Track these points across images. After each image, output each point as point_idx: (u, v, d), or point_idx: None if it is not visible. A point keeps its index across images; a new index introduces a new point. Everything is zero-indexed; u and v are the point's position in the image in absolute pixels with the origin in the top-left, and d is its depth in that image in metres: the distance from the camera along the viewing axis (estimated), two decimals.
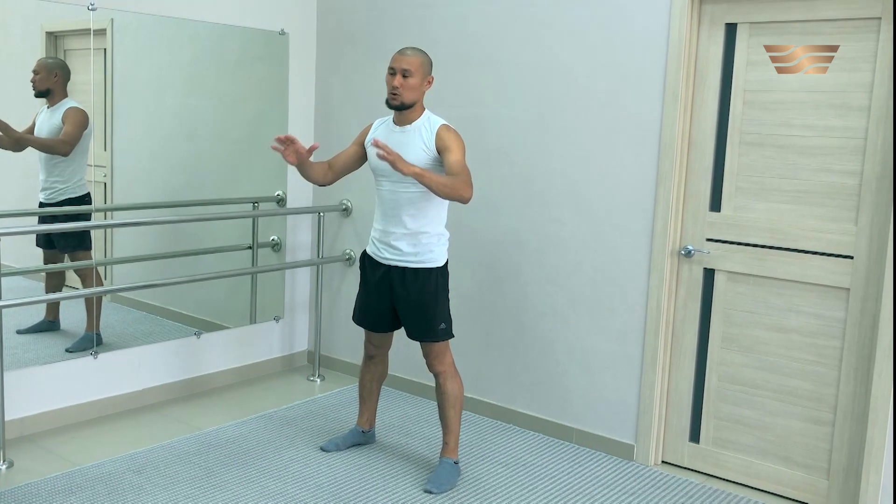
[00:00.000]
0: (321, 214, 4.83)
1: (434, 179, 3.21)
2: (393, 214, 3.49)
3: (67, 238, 4.13)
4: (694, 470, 3.85)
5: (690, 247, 3.76)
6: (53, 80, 3.98)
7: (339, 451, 3.89)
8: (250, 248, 4.84)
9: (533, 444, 4.08)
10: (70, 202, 4.10)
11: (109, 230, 4.32)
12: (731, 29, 3.60)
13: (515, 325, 4.26)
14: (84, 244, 4.18)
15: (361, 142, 3.62)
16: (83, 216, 4.14)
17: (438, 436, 4.03)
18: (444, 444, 3.64)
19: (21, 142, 3.98)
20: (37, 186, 4.07)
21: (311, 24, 4.93)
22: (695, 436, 3.86)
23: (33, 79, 3.94)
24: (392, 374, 4.67)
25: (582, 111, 3.95)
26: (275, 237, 4.93)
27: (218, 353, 4.75)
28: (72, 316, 4.27)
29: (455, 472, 3.62)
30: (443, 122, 3.44)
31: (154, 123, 4.41)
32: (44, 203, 4.09)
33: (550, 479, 3.71)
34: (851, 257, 3.40)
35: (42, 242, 4.13)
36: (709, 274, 3.76)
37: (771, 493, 3.66)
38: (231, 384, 4.79)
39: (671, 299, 3.83)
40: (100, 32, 4.07)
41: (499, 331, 4.32)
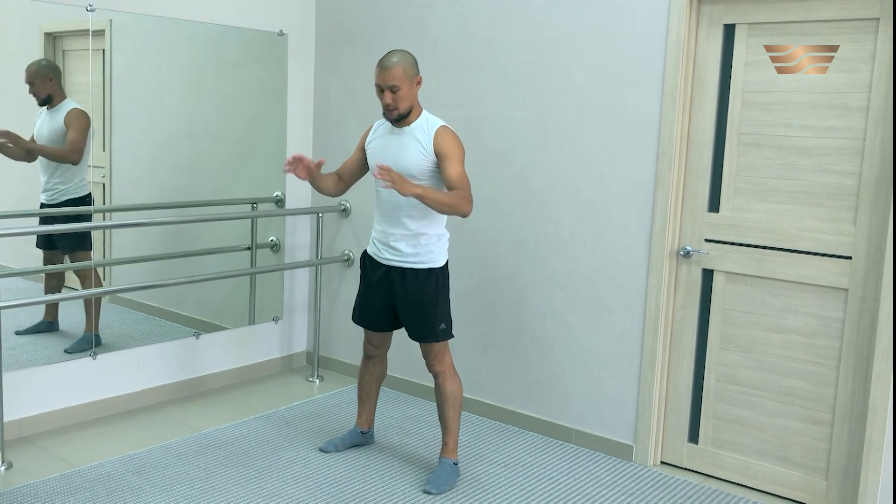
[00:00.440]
0: (320, 215, 4.82)
1: (435, 199, 3.29)
2: (392, 216, 3.49)
3: (68, 238, 4.13)
4: (693, 470, 3.86)
5: (689, 247, 3.76)
6: (50, 84, 3.96)
7: (339, 452, 3.89)
8: (249, 249, 4.84)
9: (532, 445, 4.08)
10: (71, 203, 4.09)
11: (108, 231, 4.32)
12: (730, 29, 3.61)
13: (514, 326, 4.26)
14: (84, 245, 4.17)
15: (363, 146, 3.63)
16: (84, 217, 4.14)
17: (437, 437, 4.04)
18: (444, 445, 3.64)
19: (32, 153, 3.97)
20: (35, 187, 4.06)
21: (310, 25, 4.93)
22: (693, 436, 3.86)
23: (31, 91, 3.91)
24: (391, 375, 4.67)
25: (581, 112, 3.95)
26: (274, 238, 4.93)
27: (217, 354, 4.75)
28: (71, 317, 4.26)
29: (454, 473, 3.62)
30: (441, 124, 3.44)
31: (153, 124, 4.41)
32: (45, 204, 4.08)
33: (549, 480, 3.71)
34: (850, 258, 3.41)
35: (42, 243, 4.12)
36: (707, 274, 3.76)
37: (769, 494, 3.66)
38: (230, 385, 4.79)
39: (670, 300, 3.84)
40: (98, 33, 4.06)
41: (497, 331, 4.32)
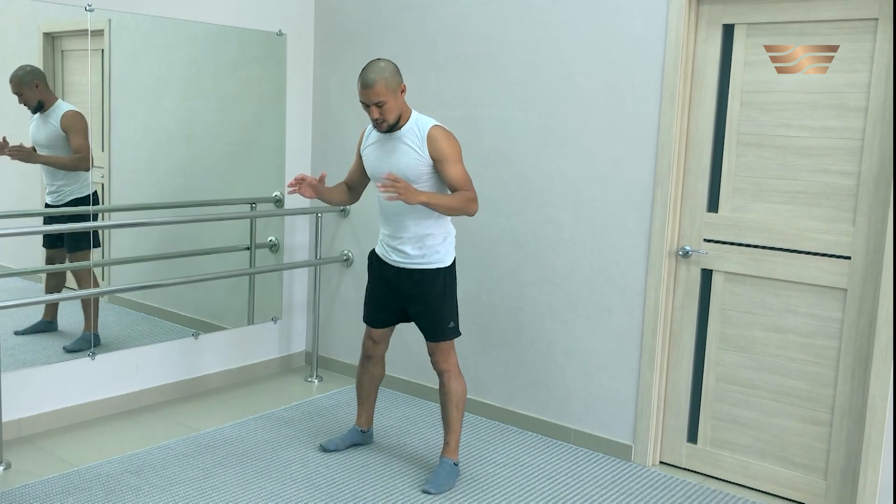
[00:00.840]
0: (319, 215, 4.82)
1: (442, 205, 3.32)
2: (396, 220, 3.49)
3: (69, 237, 4.12)
4: (691, 470, 3.86)
5: (688, 247, 3.77)
6: (38, 90, 3.92)
7: (338, 452, 3.89)
8: (248, 249, 4.84)
9: (531, 445, 4.08)
10: (75, 202, 4.09)
11: (107, 231, 4.32)
12: (729, 30, 3.61)
13: (514, 326, 4.26)
14: (84, 244, 4.16)
15: (360, 153, 3.63)
16: (84, 216, 4.13)
17: (437, 437, 4.04)
18: (445, 444, 3.64)
19: (45, 164, 3.97)
20: (35, 186, 4.06)
21: (309, 25, 4.93)
22: (692, 436, 3.86)
23: (20, 100, 3.87)
24: (391, 375, 4.67)
25: (580, 112, 3.95)
26: (273, 238, 4.93)
27: (216, 354, 4.75)
28: (70, 317, 4.26)
29: (454, 473, 3.62)
30: (433, 124, 3.42)
31: (152, 124, 4.41)
32: (50, 205, 4.08)
33: (548, 480, 3.71)
34: (849, 258, 3.41)
35: (47, 242, 4.12)
36: (706, 274, 3.77)
37: (768, 494, 3.66)
38: (229, 385, 4.79)
39: (669, 300, 3.84)
40: (97, 33, 4.06)
41: (497, 331, 4.32)
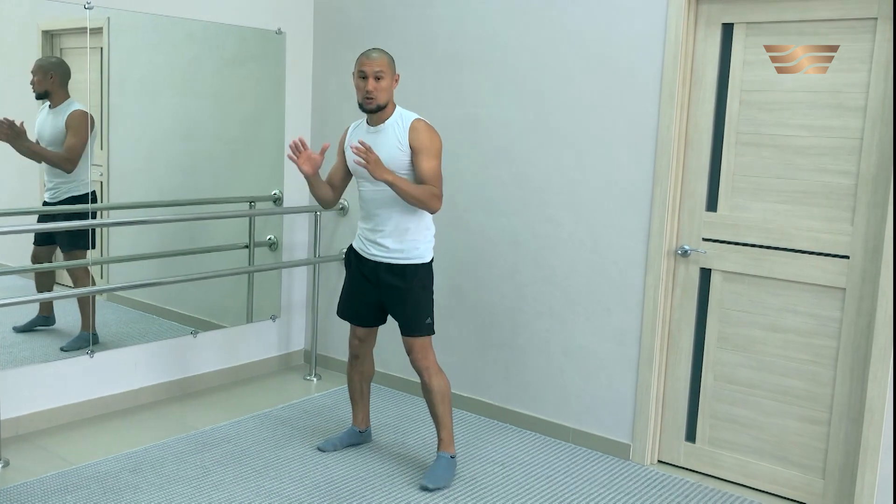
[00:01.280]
0: (318, 213, 4.82)
1: (404, 189, 3.33)
2: (377, 213, 3.51)
3: (66, 236, 4.12)
4: (690, 469, 3.86)
5: (687, 246, 3.77)
6: (50, 82, 3.95)
7: (336, 451, 3.89)
8: (247, 248, 4.84)
9: (529, 444, 4.08)
10: (71, 200, 4.08)
11: (106, 229, 4.32)
12: (728, 29, 3.61)
13: (512, 325, 4.26)
14: (81, 243, 4.16)
15: (342, 150, 3.64)
16: (81, 214, 4.13)
17: (434, 434, 4.03)
18: (439, 440, 3.65)
19: (33, 151, 3.96)
20: (32, 184, 4.06)
21: (308, 24, 4.93)
22: (691, 435, 3.86)
23: (31, 81, 3.92)
24: (388, 373, 4.67)
25: (579, 111, 3.95)
26: (271, 236, 4.93)
27: (214, 353, 4.74)
28: (68, 315, 4.26)
29: (451, 467, 3.62)
30: (415, 117, 3.47)
31: (150, 122, 4.41)
32: (48, 202, 4.08)
33: (547, 479, 3.71)
34: (847, 257, 3.41)
35: (37, 239, 4.11)
36: (705, 274, 3.77)
37: (767, 493, 3.66)
38: (227, 383, 4.79)
39: (667, 299, 3.84)
40: (96, 31, 4.06)
41: (496, 330, 4.32)
